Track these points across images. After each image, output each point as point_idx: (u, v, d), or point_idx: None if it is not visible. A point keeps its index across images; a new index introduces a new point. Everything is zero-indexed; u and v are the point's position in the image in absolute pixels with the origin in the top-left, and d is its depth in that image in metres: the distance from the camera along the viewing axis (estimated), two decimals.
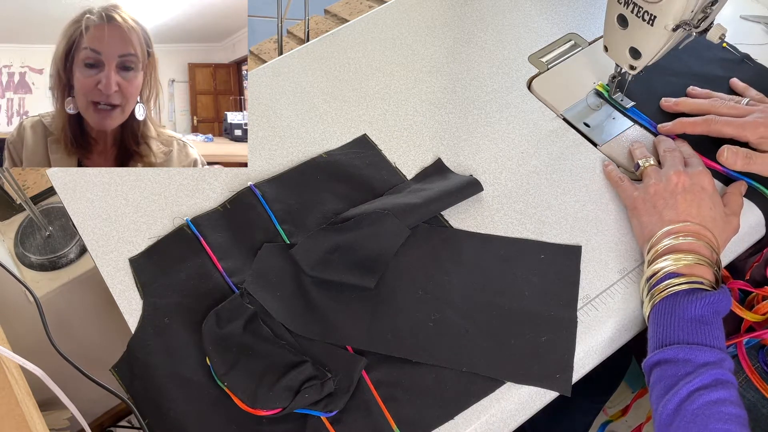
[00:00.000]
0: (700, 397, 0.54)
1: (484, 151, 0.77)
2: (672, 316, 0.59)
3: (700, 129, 0.73)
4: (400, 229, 0.68)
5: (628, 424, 1.17)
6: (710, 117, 0.72)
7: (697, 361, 0.56)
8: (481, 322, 0.63)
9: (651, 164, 0.70)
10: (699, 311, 0.58)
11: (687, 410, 0.54)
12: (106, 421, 1.33)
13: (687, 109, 0.76)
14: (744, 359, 0.76)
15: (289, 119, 0.81)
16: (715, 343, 0.57)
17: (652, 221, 0.65)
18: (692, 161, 0.69)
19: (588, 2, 0.92)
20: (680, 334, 0.58)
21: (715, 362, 0.56)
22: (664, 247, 0.62)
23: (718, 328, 0.58)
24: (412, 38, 0.89)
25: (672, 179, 0.66)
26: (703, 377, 0.55)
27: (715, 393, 0.54)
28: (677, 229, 0.62)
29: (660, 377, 0.58)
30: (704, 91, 0.78)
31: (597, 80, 0.82)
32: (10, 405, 0.51)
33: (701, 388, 0.54)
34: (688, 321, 0.58)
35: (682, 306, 0.58)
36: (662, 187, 0.66)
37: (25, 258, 1.01)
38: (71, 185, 0.76)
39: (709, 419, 0.53)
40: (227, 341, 0.61)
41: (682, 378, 0.56)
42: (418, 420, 0.58)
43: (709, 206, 0.64)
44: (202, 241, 0.69)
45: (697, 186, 0.65)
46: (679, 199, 0.64)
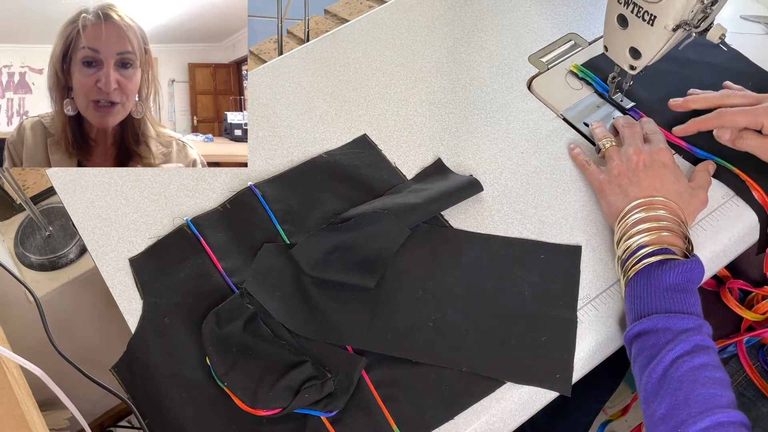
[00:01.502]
0: (684, 364, 0.55)
1: (484, 151, 0.77)
2: (648, 287, 0.60)
3: (714, 123, 0.72)
4: (400, 229, 0.68)
5: (628, 424, 1.17)
6: (722, 110, 0.72)
7: (676, 328, 0.57)
8: (481, 322, 0.63)
9: (612, 145, 0.71)
10: (673, 280, 0.59)
11: (672, 377, 0.55)
12: (106, 421, 1.33)
13: (697, 106, 0.75)
14: (744, 358, 0.76)
15: (289, 119, 0.81)
16: (692, 309, 0.58)
17: (618, 200, 0.66)
18: (654, 137, 0.70)
19: (588, 2, 0.92)
20: (657, 304, 0.59)
21: (694, 328, 0.57)
22: (634, 220, 0.63)
23: (693, 296, 0.60)
24: (412, 38, 0.89)
25: (632, 158, 0.68)
26: (684, 344, 0.56)
27: (697, 358, 0.55)
28: (643, 203, 0.64)
29: (641, 348, 0.58)
30: (707, 92, 0.78)
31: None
32: (10, 405, 0.51)
33: (683, 355, 0.55)
34: (664, 290, 0.59)
35: (657, 276, 0.59)
36: (624, 167, 0.68)
37: (25, 258, 1.01)
38: (71, 185, 0.76)
39: (695, 384, 0.54)
40: (227, 341, 0.61)
41: (663, 346, 0.57)
42: (418, 420, 0.58)
43: (672, 180, 0.66)
44: (202, 241, 0.69)
45: (658, 162, 0.67)
46: (641, 176, 0.66)
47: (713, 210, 0.70)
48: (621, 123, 0.73)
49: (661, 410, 0.54)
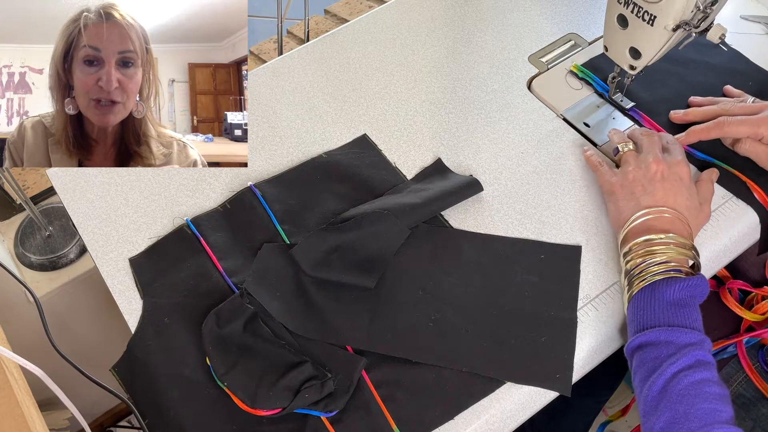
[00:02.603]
0: (685, 378, 0.55)
1: (484, 151, 0.77)
2: (651, 300, 0.60)
3: (714, 134, 0.72)
4: (400, 229, 0.68)
5: (628, 424, 1.17)
6: (722, 119, 0.72)
7: (679, 342, 0.57)
8: (481, 322, 0.63)
9: (630, 149, 0.70)
10: (677, 295, 0.59)
11: (673, 391, 0.55)
12: (106, 421, 1.33)
13: (697, 118, 0.75)
14: (744, 359, 0.76)
15: (289, 119, 0.81)
16: (694, 325, 0.59)
17: (629, 206, 0.66)
18: (673, 149, 0.70)
19: (588, 2, 0.92)
20: (660, 317, 0.59)
21: (697, 343, 0.57)
22: (644, 239, 0.62)
23: (695, 311, 0.60)
24: (412, 38, 0.89)
25: (651, 167, 0.67)
26: (686, 358, 0.56)
27: (698, 373, 0.55)
28: (653, 212, 0.64)
29: (643, 360, 0.58)
30: (708, 99, 0.78)
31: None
32: (10, 405, 0.51)
33: (685, 369, 0.55)
34: (667, 304, 0.59)
35: (661, 291, 0.59)
36: (641, 174, 0.67)
37: (25, 258, 1.01)
38: (71, 185, 0.76)
39: (696, 399, 0.54)
40: (227, 341, 0.61)
41: (665, 359, 0.57)
42: (418, 420, 0.58)
43: (686, 196, 0.65)
44: (202, 241, 0.69)
45: (675, 176, 0.66)
46: (658, 186, 0.65)
47: (713, 210, 0.70)
48: (639, 132, 0.72)
49: (660, 423, 0.54)
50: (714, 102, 0.76)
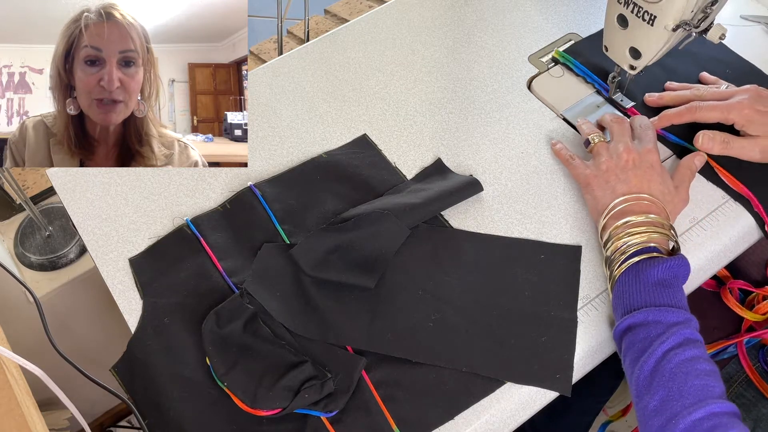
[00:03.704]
0: (676, 356, 0.56)
1: (484, 151, 0.77)
2: (636, 282, 0.60)
3: (686, 118, 0.73)
4: (400, 229, 0.68)
5: (628, 424, 1.17)
6: (694, 104, 0.73)
7: (667, 321, 0.58)
8: (481, 322, 0.63)
9: (600, 140, 0.71)
10: (661, 275, 0.60)
11: (665, 369, 0.55)
12: (106, 421, 1.33)
13: (670, 101, 0.76)
14: (744, 359, 0.77)
15: (289, 119, 0.81)
16: (679, 304, 0.60)
17: (605, 195, 0.67)
18: (643, 135, 0.70)
19: (588, 2, 0.92)
20: (646, 298, 0.60)
21: (683, 322, 0.58)
22: (624, 222, 0.63)
23: (679, 291, 0.61)
24: (412, 38, 0.89)
25: (622, 156, 0.68)
26: (675, 337, 0.57)
27: (688, 351, 0.56)
28: (630, 198, 0.65)
29: (632, 342, 0.59)
30: (683, 84, 0.79)
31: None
32: (10, 405, 0.51)
33: (675, 347, 0.56)
34: (652, 285, 0.60)
35: (644, 272, 0.60)
36: (614, 164, 0.68)
37: (25, 258, 1.01)
38: (71, 185, 0.76)
39: (688, 376, 0.55)
40: (227, 341, 0.61)
41: (654, 339, 0.57)
42: (418, 420, 0.58)
43: (659, 181, 0.67)
44: (201, 241, 0.69)
45: (647, 163, 0.68)
46: (631, 174, 0.67)
47: (713, 210, 0.70)
48: (609, 119, 0.74)
49: (654, 402, 0.55)
50: (688, 87, 0.77)
